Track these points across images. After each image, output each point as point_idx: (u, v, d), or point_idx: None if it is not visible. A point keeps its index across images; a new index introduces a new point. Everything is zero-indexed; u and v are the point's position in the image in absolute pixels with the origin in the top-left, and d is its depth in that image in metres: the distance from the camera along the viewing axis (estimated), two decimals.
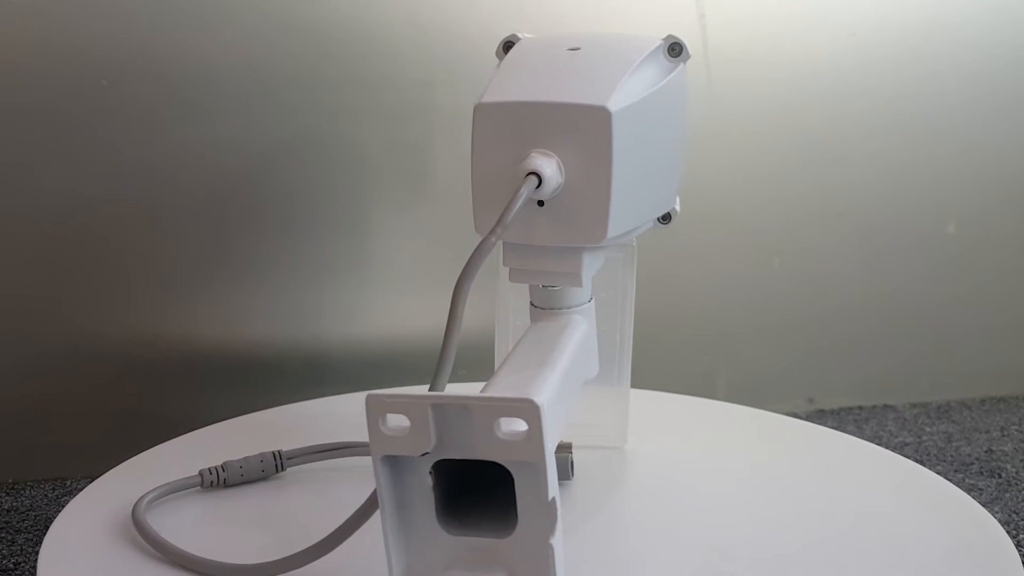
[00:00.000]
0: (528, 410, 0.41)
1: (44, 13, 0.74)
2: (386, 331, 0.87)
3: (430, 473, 0.43)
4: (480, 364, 0.84)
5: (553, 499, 0.42)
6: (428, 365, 0.88)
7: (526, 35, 0.58)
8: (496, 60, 0.59)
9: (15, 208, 0.76)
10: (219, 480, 0.58)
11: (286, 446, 0.62)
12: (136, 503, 0.55)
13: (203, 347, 0.82)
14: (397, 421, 0.43)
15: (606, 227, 0.51)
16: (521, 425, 0.41)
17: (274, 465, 0.60)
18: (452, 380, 0.80)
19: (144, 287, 0.80)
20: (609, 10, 0.88)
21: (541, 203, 0.51)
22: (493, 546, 0.44)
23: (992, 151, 1.03)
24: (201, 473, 0.58)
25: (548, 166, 0.49)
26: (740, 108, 0.94)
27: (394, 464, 0.43)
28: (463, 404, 0.42)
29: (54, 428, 0.80)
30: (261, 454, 0.60)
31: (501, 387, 0.49)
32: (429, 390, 0.46)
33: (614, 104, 0.50)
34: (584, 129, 0.50)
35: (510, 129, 0.51)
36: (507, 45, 0.58)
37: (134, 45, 0.76)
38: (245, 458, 0.60)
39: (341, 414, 0.72)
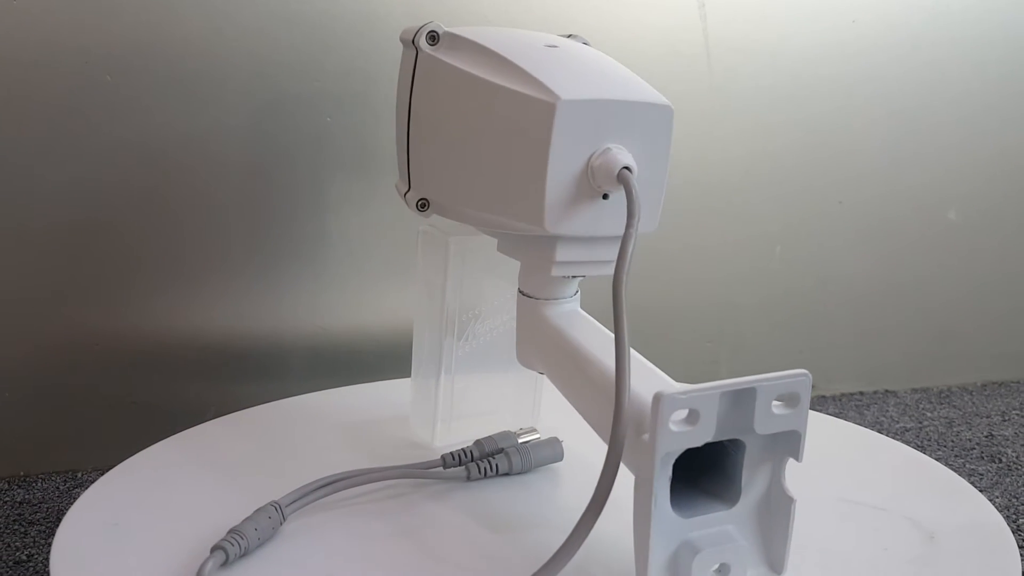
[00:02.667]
0: (803, 383, 0.45)
1: (47, 11, 0.74)
2: (389, 324, 0.87)
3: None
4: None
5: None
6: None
7: (447, 27, 0.59)
8: (402, 46, 0.60)
9: (22, 203, 0.77)
10: (241, 550, 0.52)
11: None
12: None
13: (212, 338, 0.83)
14: (683, 416, 0.45)
15: (658, 215, 0.55)
16: (784, 398, 0.46)
17: (279, 518, 0.55)
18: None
19: (152, 279, 0.81)
20: None
21: (606, 196, 0.52)
22: (721, 519, 0.47)
23: (994, 138, 1.03)
24: (224, 548, 0.51)
25: (630, 159, 0.51)
26: (741, 97, 0.94)
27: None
28: (750, 387, 0.45)
29: (64, 421, 0.81)
30: (265, 510, 0.54)
31: (644, 379, 0.51)
32: (617, 386, 0.47)
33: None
34: (649, 125, 0.53)
35: (584, 127, 0.52)
36: (431, 36, 0.59)
37: (137, 42, 0.77)
38: (253, 519, 0.54)
39: (342, 407, 0.74)
